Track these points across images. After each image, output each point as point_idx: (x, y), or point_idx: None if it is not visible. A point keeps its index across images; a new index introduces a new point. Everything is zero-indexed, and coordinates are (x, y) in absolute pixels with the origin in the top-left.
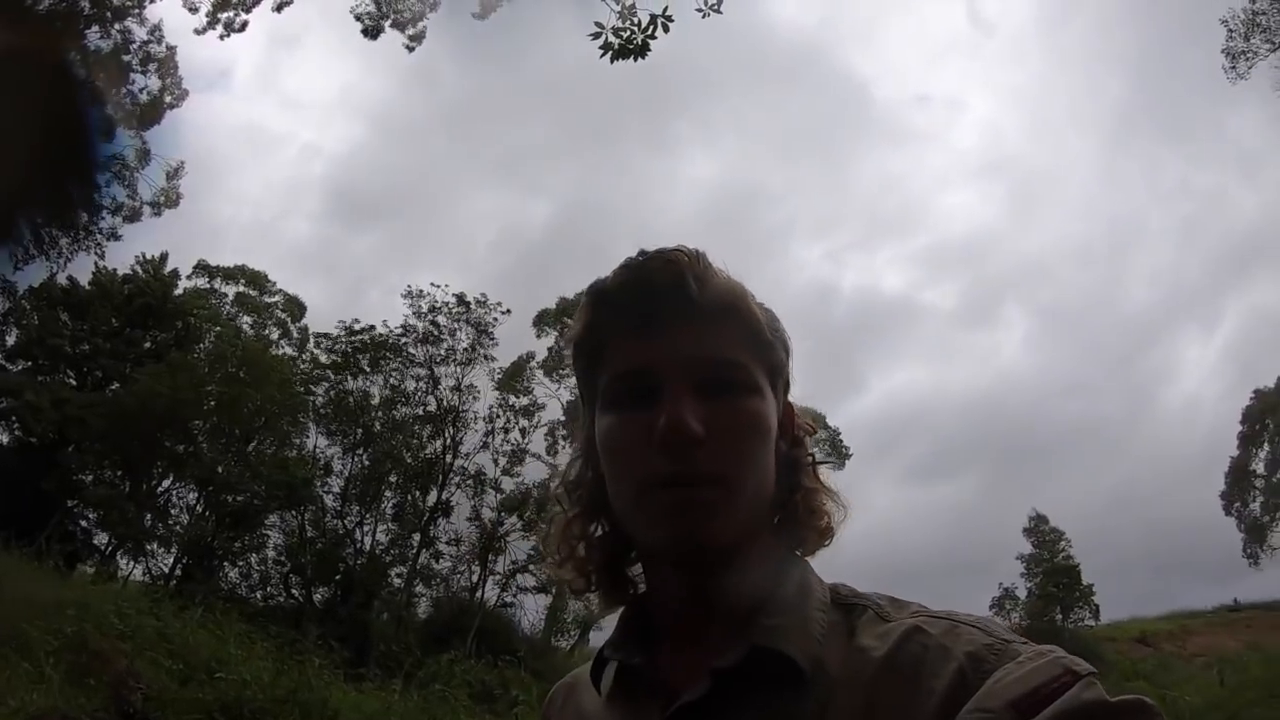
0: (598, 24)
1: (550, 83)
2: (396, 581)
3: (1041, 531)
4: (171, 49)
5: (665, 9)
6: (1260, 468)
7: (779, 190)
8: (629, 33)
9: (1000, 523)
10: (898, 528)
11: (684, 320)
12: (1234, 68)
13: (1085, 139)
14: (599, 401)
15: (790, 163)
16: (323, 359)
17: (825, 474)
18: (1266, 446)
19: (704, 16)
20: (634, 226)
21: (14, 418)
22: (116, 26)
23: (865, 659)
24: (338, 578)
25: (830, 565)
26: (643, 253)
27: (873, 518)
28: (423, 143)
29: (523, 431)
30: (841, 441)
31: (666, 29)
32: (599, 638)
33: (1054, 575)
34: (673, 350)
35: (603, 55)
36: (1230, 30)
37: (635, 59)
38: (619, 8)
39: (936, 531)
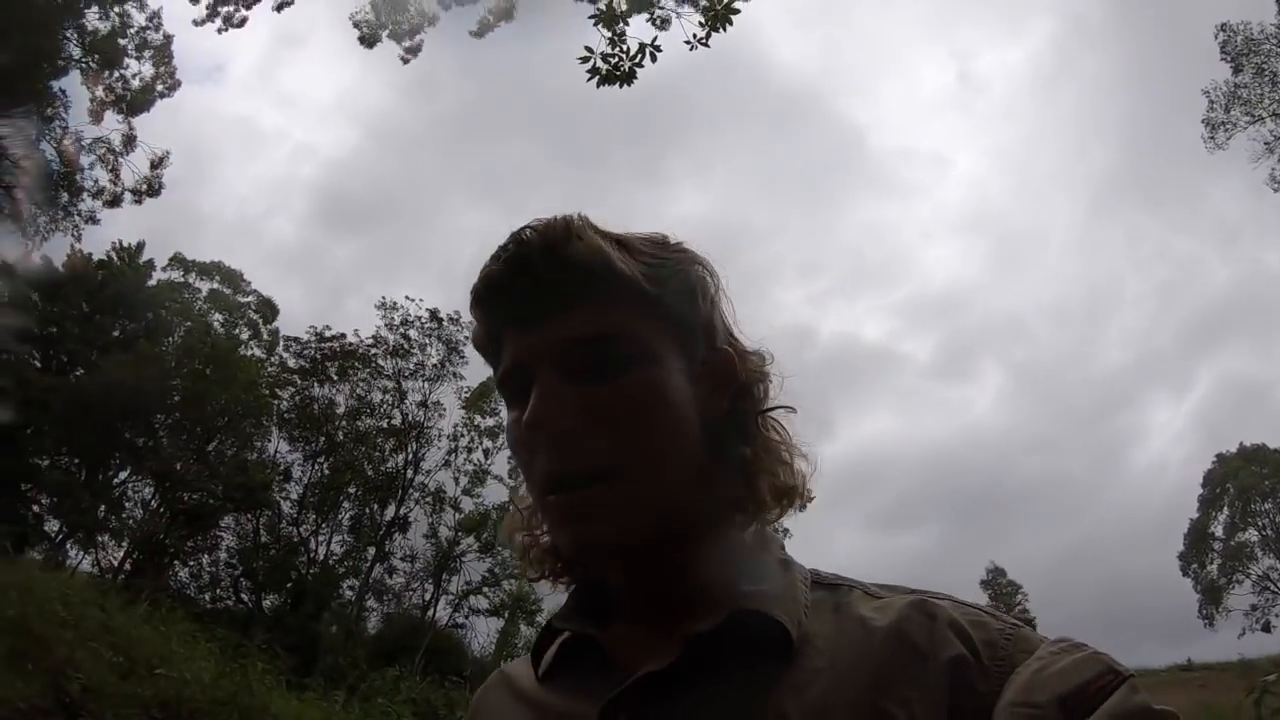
0: (587, 48)
1: (542, 104)
2: (348, 594)
3: (999, 584)
4: (169, 38)
5: (654, 39)
6: (1219, 530)
7: (764, 231)
8: (617, 59)
9: (959, 575)
10: (856, 575)
11: (543, 303)
12: (1213, 138)
13: (1068, 200)
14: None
15: (778, 205)
16: (291, 363)
17: (782, 423)
18: (1226, 510)
19: (691, 49)
20: None
21: None
22: (115, 9)
23: (866, 628)
24: (289, 585)
25: None
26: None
27: (830, 563)
28: (413, 154)
29: (486, 453)
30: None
31: (654, 58)
32: None
33: None
34: (539, 338)
35: (589, 79)
36: (1211, 101)
37: (622, 85)
38: (609, 34)
39: (895, 580)
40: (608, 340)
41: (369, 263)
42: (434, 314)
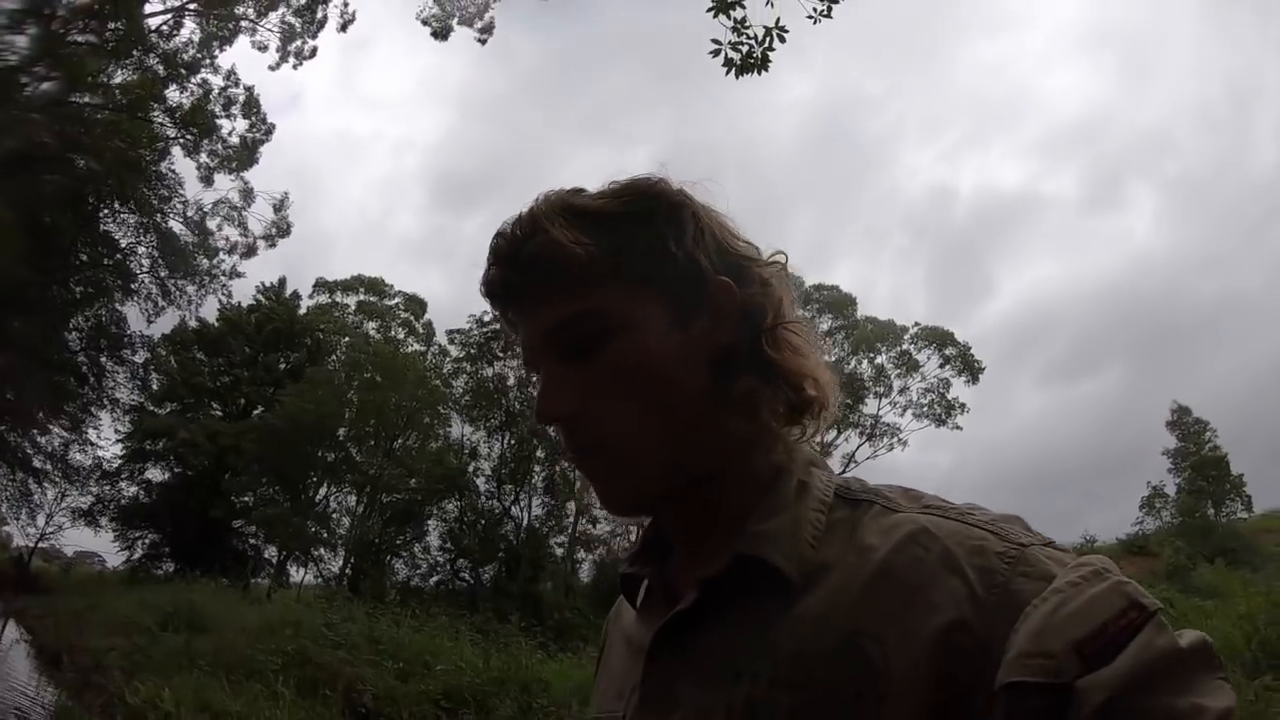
0: (715, 41)
1: (624, 32)
2: (558, 551)
3: (1185, 424)
4: (249, 89)
5: (778, 20)
6: None
7: (879, 97)
8: (747, 47)
9: (1145, 417)
10: (1042, 431)
11: (522, 301)
12: None
13: None
14: None
15: (886, 67)
16: (454, 352)
17: (798, 331)
18: None
19: (814, 23)
20: (737, 160)
21: (172, 456)
22: (193, 80)
23: (863, 560)
24: (500, 555)
25: (978, 475)
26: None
27: (1016, 424)
28: (512, 114)
29: None
30: (973, 356)
31: (783, 39)
32: None
33: (1202, 468)
34: (531, 331)
35: (727, 73)
36: None
37: (758, 73)
38: (731, 22)
39: (1082, 431)
40: (581, 319)
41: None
42: None
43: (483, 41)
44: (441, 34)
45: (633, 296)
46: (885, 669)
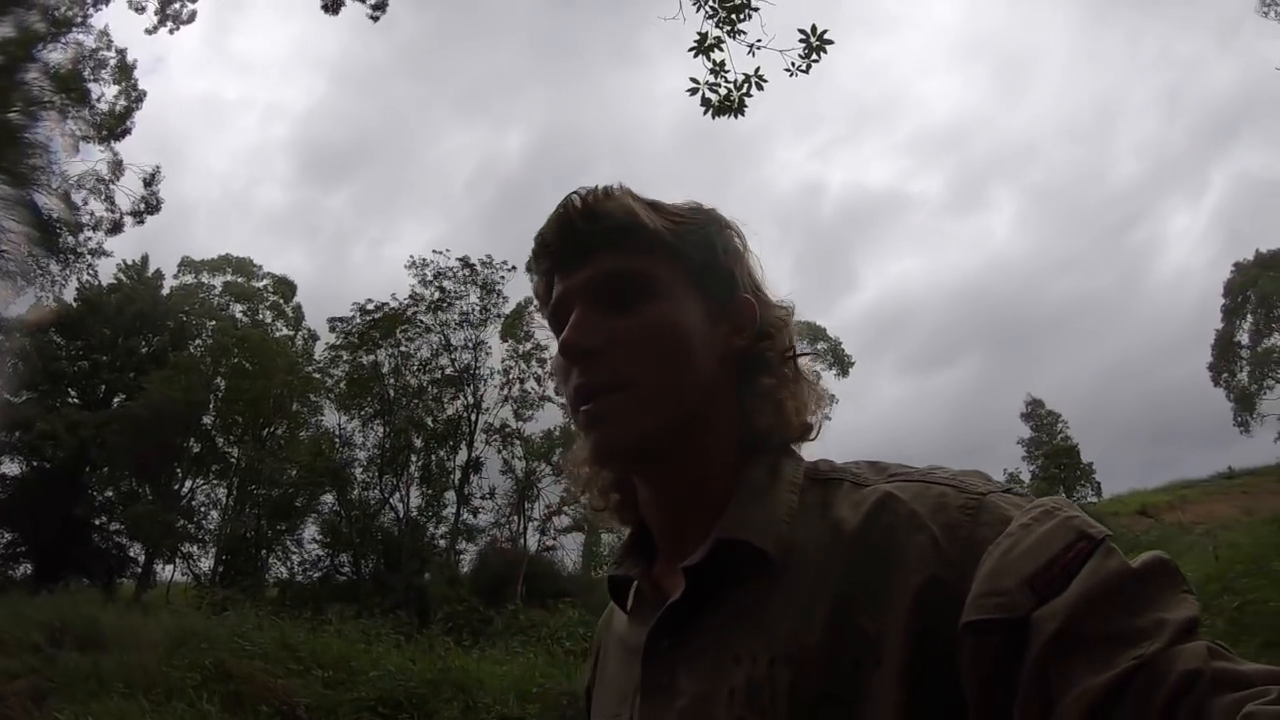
0: (693, 79)
1: (509, 8)
2: (440, 542)
3: (1039, 415)
4: (123, 52)
5: (757, 69)
6: (1245, 339)
7: (756, 91)
8: (725, 90)
9: (1000, 406)
10: (901, 418)
11: (581, 251)
12: None
13: (1063, 10)
14: None
15: (764, 59)
16: (331, 339)
17: (804, 364)
18: (1249, 318)
19: (791, 76)
20: (611, 146)
21: (28, 449)
22: (65, 39)
23: (839, 533)
24: (380, 546)
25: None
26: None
27: (876, 410)
28: (385, 87)
29: (537, 379)
30: (843, 350)
31: (761, 88)
32: None
33: (1054, 457)
34: (576, 279)
35: (705, 112)
36: None
37: (735, 116)
38: (710, 65)
39: (939, 418)
40: (629, 278)
41: (366, 206)
42: (465, 261)
43: (374, 18)
44: (333, 7)
45: (678, 280)
46: (877, 635)
